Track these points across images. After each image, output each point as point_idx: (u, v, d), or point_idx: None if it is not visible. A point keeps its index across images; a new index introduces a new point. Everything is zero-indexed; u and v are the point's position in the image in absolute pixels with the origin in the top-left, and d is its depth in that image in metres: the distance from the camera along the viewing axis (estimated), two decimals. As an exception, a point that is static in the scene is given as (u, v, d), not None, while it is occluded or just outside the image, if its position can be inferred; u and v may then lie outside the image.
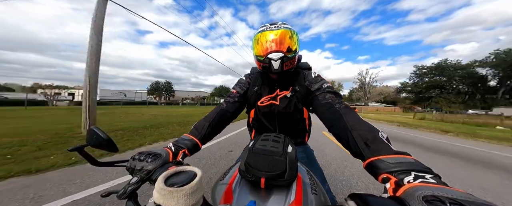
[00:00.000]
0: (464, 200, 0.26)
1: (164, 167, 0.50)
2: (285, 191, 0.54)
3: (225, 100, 0.94)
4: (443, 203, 0.26)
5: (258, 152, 0.57)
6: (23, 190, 1.92)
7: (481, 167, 3.36)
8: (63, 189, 1.96)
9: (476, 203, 0.26)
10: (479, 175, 2.92)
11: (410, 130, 9.13)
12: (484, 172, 3.07)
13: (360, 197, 0.32)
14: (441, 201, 0.27)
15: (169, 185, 0.38)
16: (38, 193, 1.86)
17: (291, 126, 0.97)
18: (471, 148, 5.02)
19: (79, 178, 2.21)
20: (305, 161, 0.95)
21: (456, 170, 3.12)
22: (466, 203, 0.25)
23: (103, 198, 0.52)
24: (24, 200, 1.73)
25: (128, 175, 0.52)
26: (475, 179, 2.72)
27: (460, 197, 0.27)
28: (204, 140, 0.76)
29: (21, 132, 4.73)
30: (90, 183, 2.11)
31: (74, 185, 2.04)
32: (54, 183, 2.09)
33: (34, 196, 1.80)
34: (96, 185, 2.06)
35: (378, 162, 0.44)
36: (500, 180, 2.72)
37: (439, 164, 3.44)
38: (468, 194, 0.28)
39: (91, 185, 2.06)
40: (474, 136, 7.20)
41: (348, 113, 0.64)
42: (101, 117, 8.62)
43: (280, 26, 0.80)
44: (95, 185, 2.05)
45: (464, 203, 0.25)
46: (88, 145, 0.57)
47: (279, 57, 0.76)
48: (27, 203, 1.70)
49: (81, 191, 1.92)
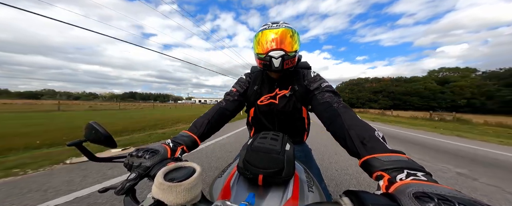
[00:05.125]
0: (452, 197, 0.27)
1: (162, 163, 0.50)
2: (282, 188, 0.55)
3: (225, 99, 0.95)
4: (431, 199, 0.27)
5: (256, 150, 0.57)
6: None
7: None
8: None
9: (463, 199, 0.27)
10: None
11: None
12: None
13: (354, 193, 0.33)
14: (430, 197, 0.28)
15: (169, 180, 0.38)
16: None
17: (290, 125, 0.98)
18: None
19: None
20: (303, 159, 0.96)
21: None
22: (453, 199, 0.27)
23: (100, 193, 0.52)
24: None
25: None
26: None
27: (448, 194, 0.28)
28: (203, 137, 0.76)
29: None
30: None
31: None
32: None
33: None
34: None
35: (373, 160, 0.45)
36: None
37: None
38: (456, 191, 0.29)
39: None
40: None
41: (346, 112, 0.65)
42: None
43: (282, 25, 0.81)
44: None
45: (452, 199, 0.26)
46: (87, 140, 0.56)
47: (280, 55, 0.77)
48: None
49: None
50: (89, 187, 1.98)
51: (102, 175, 2.30)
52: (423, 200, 0.28)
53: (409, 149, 4.48)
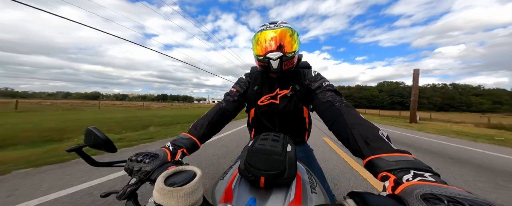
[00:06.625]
0: (462, 198, 0.26)
1: (163, 167, 0.50)
2: (284, 190, 0.54)
3: (225, 99, 0.94)
4: (441, 201, 0.26)
5: (257, 151, 0.56)
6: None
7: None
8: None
9: (474, 201, 0.25)
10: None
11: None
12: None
13: (359, 195, 0.32)
14: (439, 199, 0.27)
15: (169, 185, 0.38)
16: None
17: (291, 125, 0.97)
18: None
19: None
20: (305, 160, 0.95)
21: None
22: (464, 201, 0.25)
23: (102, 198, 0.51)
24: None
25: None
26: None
27: (459, 195, 0.27)
28: (203, 139, 0.76)
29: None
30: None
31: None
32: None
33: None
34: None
35: (378, 160, 0.44)
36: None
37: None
38: (466, 192, 0.28)
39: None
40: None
41: (349, 111, 0.64)
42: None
43: (280, 25, 0.79)
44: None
45: (463, 201, 0.25)
46: (86, 146, 0.56)
47: (278, 56, 0.76)
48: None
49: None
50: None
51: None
52: (432, 202, 0.27)
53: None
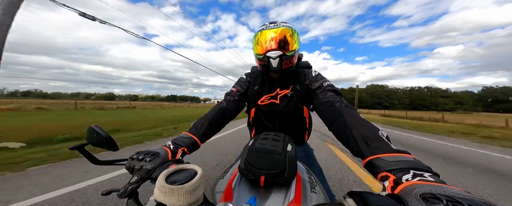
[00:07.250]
0: (461, 198, 0.26)
1: (163, 166, 0.50)
2: (284, 190, 0.54)
3: (225, 99, 0.94)
4: (440, 200, 0.26)
5: (257, 151, 0.57)
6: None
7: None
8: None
9: (473, 201, 0.26)
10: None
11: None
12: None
13: (358, 194, 0.32)
14: (438, 199, 0.27)
15: (170, 183, 0.38)
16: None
17: (291, 125, 0.97)
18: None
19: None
20: (305, 160, 0.96)
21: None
22: (463, 200, 0.25)
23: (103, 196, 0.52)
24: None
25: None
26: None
27: (458, 195, 0.27)
28: (204, 138, 0.76)
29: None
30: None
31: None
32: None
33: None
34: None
35: (378, 160, 0.44)
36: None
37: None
38: (466, 192, 0.28)
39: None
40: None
41: (349, 112, 0.64)
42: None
43: (280, 24, 0.80)
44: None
45: (461, 201, 0.25)
46: (89, 144, 0.57)
47: (278, 55, 0.76)
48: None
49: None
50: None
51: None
52: (431, 201, 0.27)
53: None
